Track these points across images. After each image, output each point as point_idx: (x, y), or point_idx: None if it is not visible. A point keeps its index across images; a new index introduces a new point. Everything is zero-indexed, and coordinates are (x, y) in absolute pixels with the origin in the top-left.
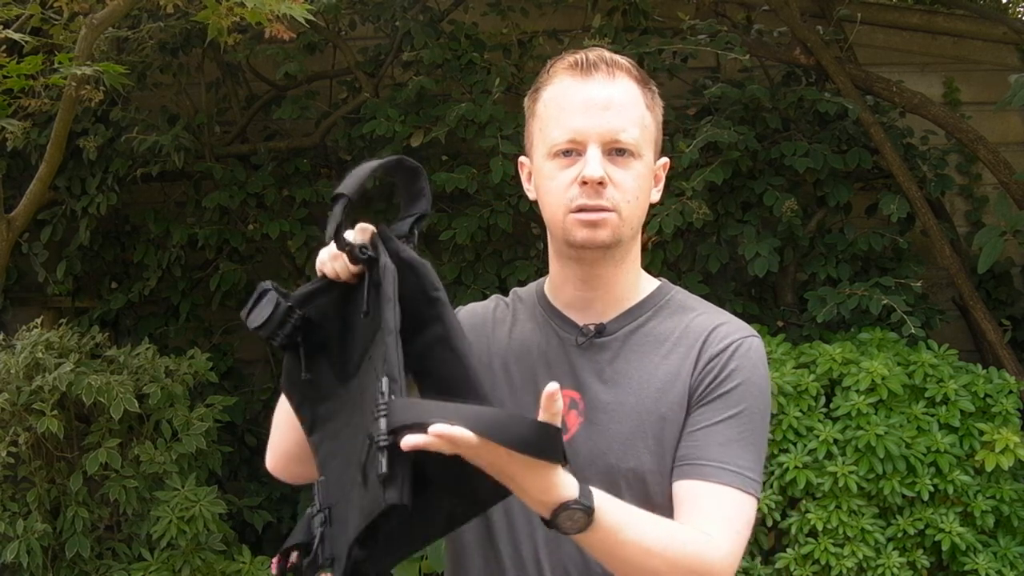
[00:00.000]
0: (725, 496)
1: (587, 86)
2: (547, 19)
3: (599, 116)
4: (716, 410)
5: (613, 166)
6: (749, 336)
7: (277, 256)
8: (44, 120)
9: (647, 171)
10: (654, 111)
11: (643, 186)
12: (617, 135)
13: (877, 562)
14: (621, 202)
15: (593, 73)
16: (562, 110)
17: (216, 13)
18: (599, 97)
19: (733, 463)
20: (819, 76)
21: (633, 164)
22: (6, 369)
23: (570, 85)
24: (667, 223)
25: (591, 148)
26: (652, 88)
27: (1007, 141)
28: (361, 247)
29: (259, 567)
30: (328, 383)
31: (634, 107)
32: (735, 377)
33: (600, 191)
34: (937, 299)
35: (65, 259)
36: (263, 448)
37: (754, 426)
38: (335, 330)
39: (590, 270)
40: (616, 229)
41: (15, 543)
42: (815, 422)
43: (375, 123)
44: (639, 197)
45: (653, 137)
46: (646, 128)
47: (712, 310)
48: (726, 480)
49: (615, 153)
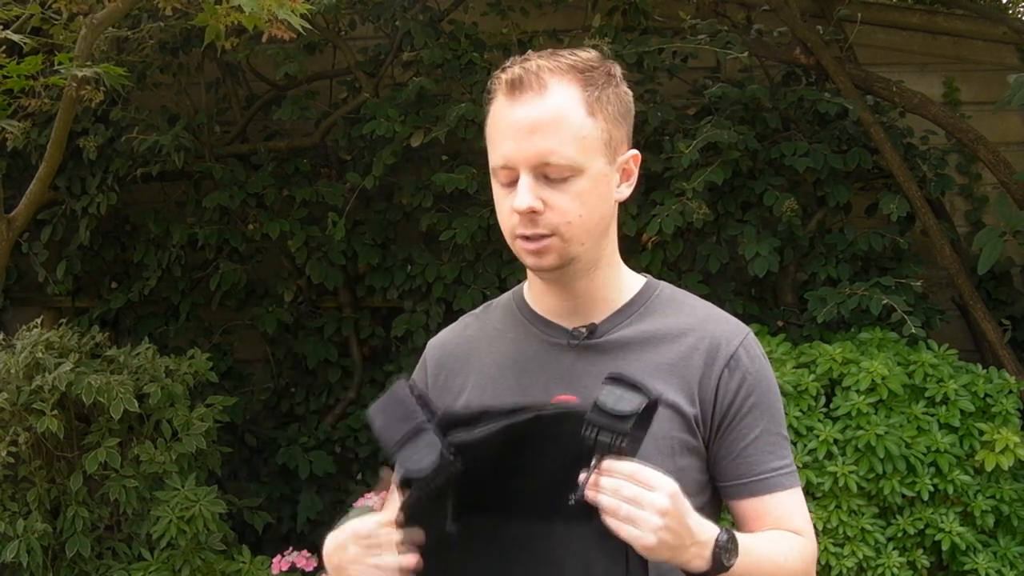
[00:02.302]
0: (789, 497)
1: (515, 108)
2: (547, 19)
3: (527, 141)
4: (754, 420)
5: (549, 189)
6: (747, 333)
7: (277, 256)
8: (44, 120)
9: (594, 183)
10: (601, 111)
11: (589, 200)
12: (546, 159)
13: (877, 562)
14: (560, 225)
15: (521, 93)
16: (498, 131)
17: (214, 16)
18: (526, 120)
19: (785, 466)
20: (819, 76)
21: (572, 183)
22: (6, 369)
23: (503, 106)
24: (667, 223)
25: (522, 175)
26: (600, 82)
27: (1007, 141)
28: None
29: (259, 567)
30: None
31: (568, 122)
32: (755, 383)
33: (535, 219)
34: (937, 299)
35: (65, 259)
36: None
37: (780, 418)
38: (476, 470)
39: (561, 287)
40: (560, 251)
41: (15, 543)
42: (815, 422)
43: (375, 123)
44: (582, 214)
45: (600, 141)
46: (585, 139)
47: (701, 304)
48: (786, 484)
49: (549, 176)
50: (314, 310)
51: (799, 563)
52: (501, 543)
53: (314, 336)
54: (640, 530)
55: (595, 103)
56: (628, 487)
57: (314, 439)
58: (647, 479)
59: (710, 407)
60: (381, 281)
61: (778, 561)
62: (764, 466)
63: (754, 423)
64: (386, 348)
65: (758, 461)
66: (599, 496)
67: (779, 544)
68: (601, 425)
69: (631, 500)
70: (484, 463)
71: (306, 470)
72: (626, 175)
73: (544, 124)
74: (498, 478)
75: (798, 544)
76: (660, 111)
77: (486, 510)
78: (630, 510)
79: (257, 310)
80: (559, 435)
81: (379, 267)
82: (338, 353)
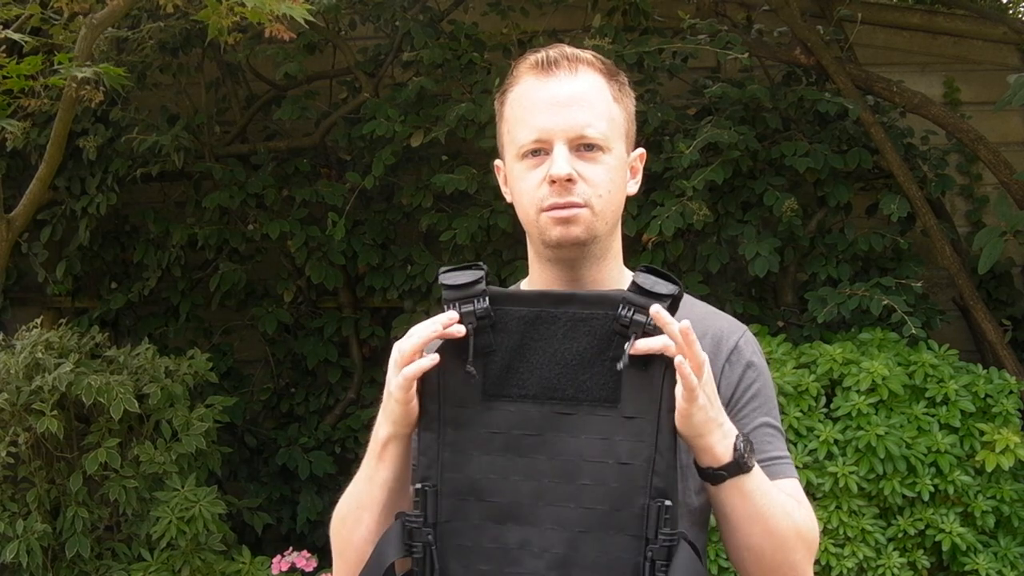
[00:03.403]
0: (790, 485)
1: (549, 84)
2: (547, 19)
3: (563, 113)
4: (754, 411)
5: (582, 162)
6: (746, 330)
7: (277, 256)
8: (44, 120)
9: (618, 164)
10: (622, 103)
11: (615, 179)
12: (583, 130)
13: (877, 562)
14: (592, 197)
15: (554, 70)
16: (526, 110)
17: (216, 13)
18: (562, 94)
19: (784, 457)
20: (819, 76)
21: (602, 158)
22: (6, 369)
23: (533, 84)
24: (667, 224)
25: (557, 146)
26: (620, 80)
27: (1007, 141)
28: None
29: (259, 567)
30: (467, 391)
31: (600, 101)
32: (756, 376)
33: (569, 188)
34: (937, 299)
35: (65, 259)
36: (263, 448)
37: (777, 415)
38: (506, 345)
39: (571, 272)
40: (589, 224)
41: (15, 543)
42: (815, 422)
43: (375, 123)
44: (611, 191)
45: (623, 129)
46: (613, 121)
47: (699, 303)
48: (787, 473)
49: (583, 148)
50: (314, 310)
51: (805, 527)
52: (524, 427)
53: (314, 336)
54: (688, 367)
55: (619, 94)
56: (678, 332)
57: (314, 439)
58: (695, 341)
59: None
60: (381, 281)
61: (787, 509)
62: (765, 454)
63: (754, 414)
64: (386, 348)
65: (759, 449)
66: (654, 340)
67: (789, 500)
68: (638, 305)
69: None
70: (514, 339)
71: (306, 470)
72: (634, 172)
73: (579, 98)
74: (525, 361)
75: (806, 513)
76: (660, 111)
77: (511, 394)
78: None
79: (257, 310)
80: (591, 318)
81: (379, 267)
82: (338, 353)
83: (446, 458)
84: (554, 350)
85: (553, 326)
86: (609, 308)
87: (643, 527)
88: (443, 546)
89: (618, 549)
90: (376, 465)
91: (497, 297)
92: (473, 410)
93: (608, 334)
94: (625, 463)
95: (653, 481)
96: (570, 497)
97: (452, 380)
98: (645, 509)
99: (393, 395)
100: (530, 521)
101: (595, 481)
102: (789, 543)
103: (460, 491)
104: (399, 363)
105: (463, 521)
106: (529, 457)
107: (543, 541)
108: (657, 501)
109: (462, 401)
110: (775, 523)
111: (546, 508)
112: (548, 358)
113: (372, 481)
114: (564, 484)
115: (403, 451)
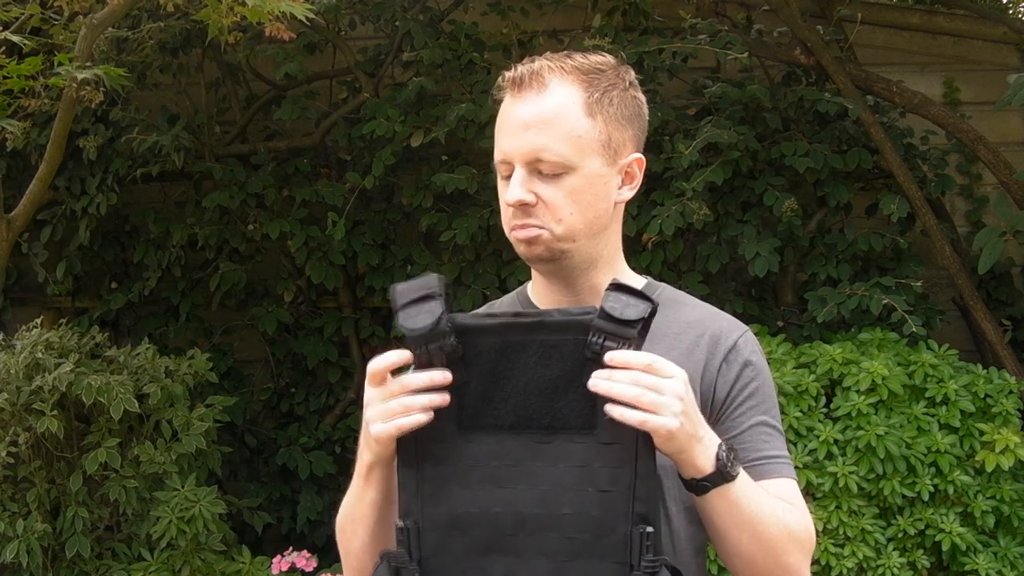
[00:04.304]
0: (787, 485)
1: (516, 105)
2: (547, 19)
3: (522, 136)
4: (751, 409)
5: (542, 184)
6: (745, 329)
7: (277, 256)
8: (44, 120)
9: (588, 181)
10: (601, 112)
11: (582, 198)
12: (539, 154)
13: (877, 562)
14: (551, 221)
15: (522, 91)
16: (499, 130)
17: (216, 12)
18: (523, 117)
19: (782, 456)
20: (819, 76)
21: (565, 180)
22: (6, 369)
23: (507, 104)
24: (667, 223)
25: (516, 169)
26: (608, 85)
27: (1007, 141)
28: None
29: (259, 567)
30: (444, 425)
31: (564, 120)
32: (754, 375)
33: (527, 211)
34: (937, 299)
35: (65, 259)
36: (263, 448)
37: (776, 414)
38: (478, 377)
39: (563, 281)
40: (550, 245)
41: (15, 543)
42: (815, 422)
43: (375, 123)
44: (575, 212)
45: (597, 142)
46: (580, 138)
47: (700, 304)
48: (784, 472)
49: (543, 172)
50: (314, 310)
51: (798, 529)
52: (502, 458)
53: (314, 336)
54: (664, 416)
55: (595, 104)
56: (646, 377)
57: (314, 439)
58: (663, 368)
59: (710, 396)
60: (381, 281)
61: (777, 512)
62: (760, 452)
63: (750, 412)
64: (386, 348)
65: (753, 448)
66: (618, 387)
67: (779, 503)
68: (608, 332)
69: (652, 388)
70: (486, 369)
71: (306, 470)
72: (629, 178)
73: (538, 121)
74: (499, 391)
75: (799, 514)
76: (660, 111)
77: (487, 426)
78: (653, 397)
79: (257, 310)
80: (561, 344)
81: (379, 267)
82: (338, 353)
83: (426, 493)
84: (527, 378)
85: (524, 354)
86: (579, 333)
87: (627, 554)
88: None
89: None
90: (364, 486)
91: (463, 330)
92: (451, 444)
93: (580, 360)
94: (605, 490)
95: (635, 507)
96: (552, 526)
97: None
98: (628, 536)
99: (372, 436)
100: (513, 552)
101: (576, 510)
102: (780, 547)
103: (442, 525)
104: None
105: (447, 555)
106: (509, 488)
107: (527, 571)
108: (639, 527)
109: (439, 435)
110: (764, 528)
111: (529, 538)
112: (522, 387)
113: (362, 500)
114: (545, 514)
115: (388, 474)
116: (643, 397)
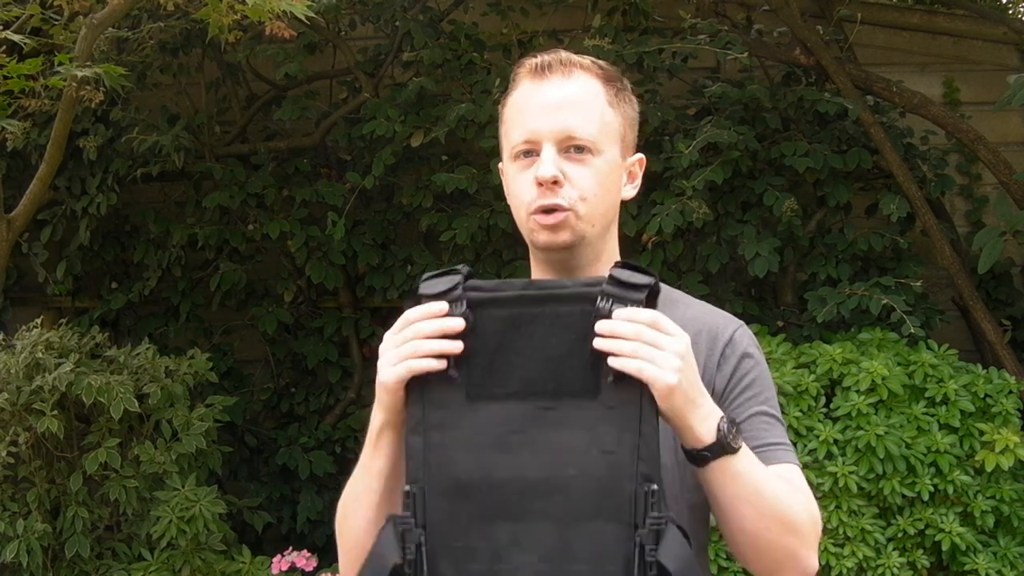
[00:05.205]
0: (789, 471)
1: (542, 88)
2: (547, 19)
3: (553, 115)
4: (750, 400)
5: (570, 163)
6: (742, 324)
7: (277, 256)
8: (44, 120)
9: (609, 167)
10: (619, 107)
11: (605, 183)
12: (571, 132)
13: (877, 562)
14: (577, 200)
15: (548, 75)
16: (521, 112)
17: (217, 11)
18: (553, 97)
19: (782, 443)
20: (819, 76)
21: (592, 161)
22: (6, 369)
23: (528, 88)
24: (667, 223)
25: (545, 147)
26: (620, 85)
27: (1007, 141)
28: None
29: (259, 567)
30: (451, 394)
31: (592, 103)
32: (751, 367)
33: (555, 190)
34: (937, 299)
35: (65, 259)
36: (263, 448)
37: (775, 405)
38: (487, 347)
39: (567, 275)
40: (574, 228)
41: (15, 543)
42: (815, 422)
43: (375, 123)
44: (598, 194)
45: (617, 133)
46: (606, 124)
47: (696, 302)
48: (785, 458)
49: (572, 151)
50: (314, 310)
51: (802, 512)
52: (508, 425)
53: (314, 336)
54: (662, 369)
55: (615, 98)
56: (649, 332)
57: (314, 439)
58: (667, 326)
59: (709, 391)
60: (381, 281)
61: (779, 493)
62: (760, 440)
63: (748, 403)
64: None
65: (754, 436)
66: (619, 340)
67: (783, 483)
68: (616, 296)
69: (653, 343)
70: (495, 340)
71: (306, 470)
72: (631, 177)
73: (571, 101)
74: (507, 361)
75: (803, 497)
76: (660, 111)
77: (494, 395)
78: (651, 350)
79: (257, 310)
80: (570, 314)
81: (379, 267)
82: (338, 353)
83: (432, 460)
84: (534, 347)
85: (532, 325)
86: (587, 304)
87: (631, 513)
88: (433, 547)
89: (608, 537)
90: (372, 453)
91: (476, 301)
92: (458, 412)
93: (587, 328)
94: (609, 451)
95: (639, 467)
96: (557, 490)
97: (434, 385)
98: (632, 495)
99: (384, 384)
100: (519, 517)
101: (581, 472)
102: (783, 526)
103: (448, 492)
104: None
105: (452, 522)
106: (514, 454)
107: (533, 536)
108: (644, 486)
109: (446, 404)
110: (767, 505)
111: (534, 503)
112: (529, 356)
113: (369, 470)
114: (550, 478)
115: (396, 440)
116: (642, 349)
